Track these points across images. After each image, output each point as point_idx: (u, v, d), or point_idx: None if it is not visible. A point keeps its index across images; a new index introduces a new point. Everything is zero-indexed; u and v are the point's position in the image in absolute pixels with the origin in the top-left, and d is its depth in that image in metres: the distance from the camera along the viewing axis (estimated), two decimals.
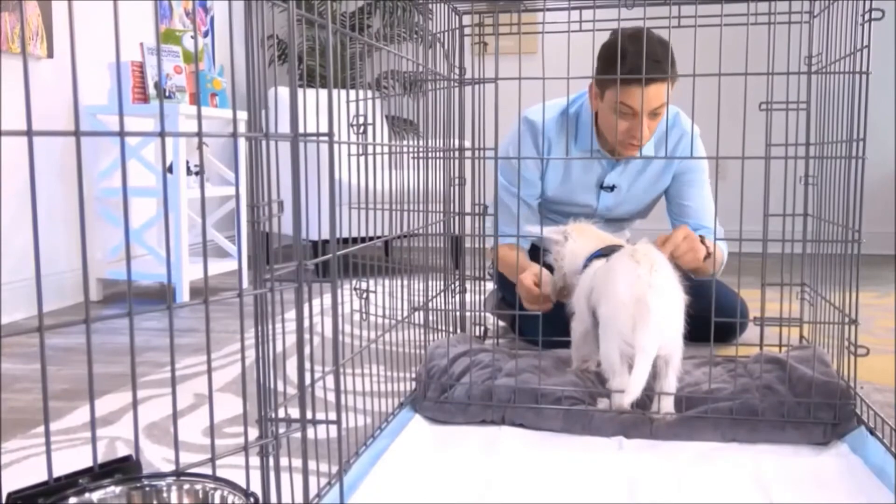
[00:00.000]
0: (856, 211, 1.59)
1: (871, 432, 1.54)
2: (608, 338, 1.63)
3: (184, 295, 3.17)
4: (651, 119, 2.08)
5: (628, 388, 1.53)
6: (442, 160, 2.08)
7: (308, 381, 1.20)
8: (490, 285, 2.63)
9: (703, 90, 1.79)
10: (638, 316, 1.56)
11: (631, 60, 1.88)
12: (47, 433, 0.85)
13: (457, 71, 2.11)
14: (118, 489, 0.90)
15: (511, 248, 2.29)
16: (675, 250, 2.00)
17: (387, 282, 1.92)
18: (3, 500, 0.82)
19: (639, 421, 1.62)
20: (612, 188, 2.34)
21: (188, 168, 3.54)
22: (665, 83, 2.00)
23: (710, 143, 2.29)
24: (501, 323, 2.60)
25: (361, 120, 1.67)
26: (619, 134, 2.11)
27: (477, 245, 2.16)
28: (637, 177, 2.34)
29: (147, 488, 0.92)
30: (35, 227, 0.80)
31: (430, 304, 2.02)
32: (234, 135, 0.98)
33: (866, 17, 1.52)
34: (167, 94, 3.21)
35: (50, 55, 2.99)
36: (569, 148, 2.27)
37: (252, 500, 0.91)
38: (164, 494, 0.92)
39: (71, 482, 0.87)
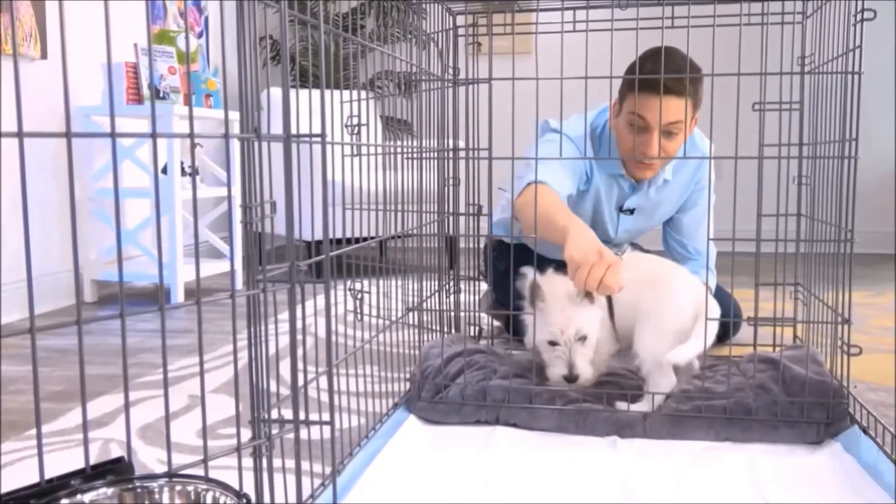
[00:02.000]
0: (848, 210, 1.59)
1: (865, 431, 1.54)
2: (664, 336, 1.68)
3: (178, 296, 3.17)
4: (666, 138, 2.00)
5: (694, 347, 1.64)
6: (436, 160, 2.08)
7: (301, 381, 1.20)
8: (484, 286, 2.63)
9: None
10: (699, 314, 1.67)
11: (651, 69, 1.86)
12: (39, 434, 0.84)
13: (451, 71, 2.11)
14: (110, 490, 0.90)
15: (543, 189, 1.90)
16: None
17: (381, 282, 1.92)
18: None
19: (633, 420, 1.62)
20: (631, 211, 2.30)
21: (182, 169, 3.53)
22: (682, 99, 1.93)
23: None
24: (496, 323, 2.60)
25: (355, 121, 1.67)
26: (629, 149, 2.03)
27: (471, 245, 2.16)
28: (657, 201, 2.28)
29: (139, 489, 0.91)
30: (26, 228, 0.80)
31: (424, 305, 2.02)
32: (227, 136, 0.98)
33: (858, 17, 1.52)
34: (162, 94, 3.21)
35: (44, 56, 2.98)
36: (594, 166, 2.18)
37: (244, 500, 0.91)
38: (156, 496, 0.92)
39: (63, 483, 0.87)
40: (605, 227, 2.29)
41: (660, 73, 1.77)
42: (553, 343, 1.73)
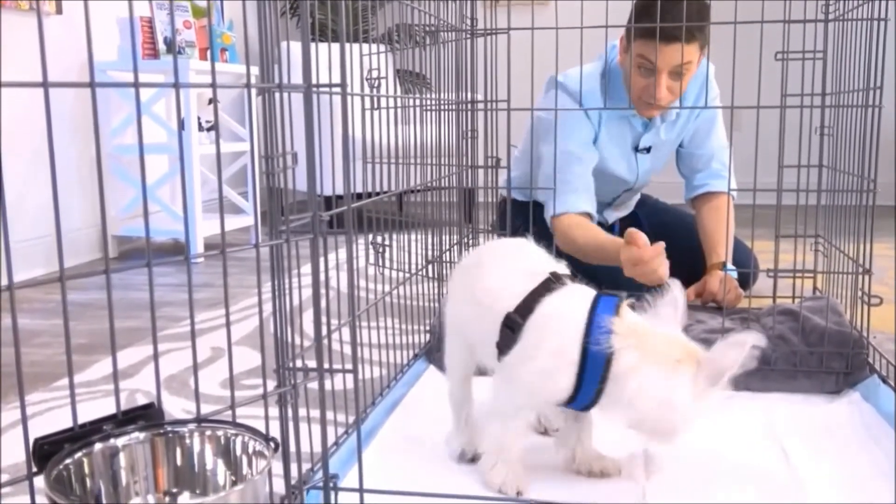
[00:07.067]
0: (871, 160, 1.57)
1: (884, 381, 1.54)
2: None
3: (198, 250, 3.19)
4: (673, 80, 1.99)
5: None
6: (454, 113, 2.07)
7: (324, 331, 1.21)
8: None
9: (719, 39, 1.77)
10: None
11: (656, 13, 1.83)
12: (71, 381, 0.86)
13: (468, 22, 2.09)
14: (142, 435, 0.92)
15: (580, 219, 2.11)
16: (717, 296, 2.04)
17: (401, 236, 1.93)
18: (31, 446, 0.84)
19: None
20: (648, 150, 2.26)
21: (200, 124, 3.53)
22: (688, 44, 1.89)
23: (726, 93, 2.27)
24: None
25: (374, 74, 1.66)
26: (637, 91, 2.05)
27: (490, 199, 2.15)
28: (669, 136, 2.26)
29: (170, 434, 0.93)
30: (54, 180, 0.81)
31: (443, 258, 2.03)
32: (248, 86, 0.98)
33: None
34: (177, 49, 3.20)
35: (59, 11, 2.97)
36: (602, 113, 2.15)
37: (272, 445, 0.93)
38: (187, 441, 0.94)
39: (96, 428, 0.89)
40: (623, 172, 2.27)
41: (666, 16, 1.74)
42: None
